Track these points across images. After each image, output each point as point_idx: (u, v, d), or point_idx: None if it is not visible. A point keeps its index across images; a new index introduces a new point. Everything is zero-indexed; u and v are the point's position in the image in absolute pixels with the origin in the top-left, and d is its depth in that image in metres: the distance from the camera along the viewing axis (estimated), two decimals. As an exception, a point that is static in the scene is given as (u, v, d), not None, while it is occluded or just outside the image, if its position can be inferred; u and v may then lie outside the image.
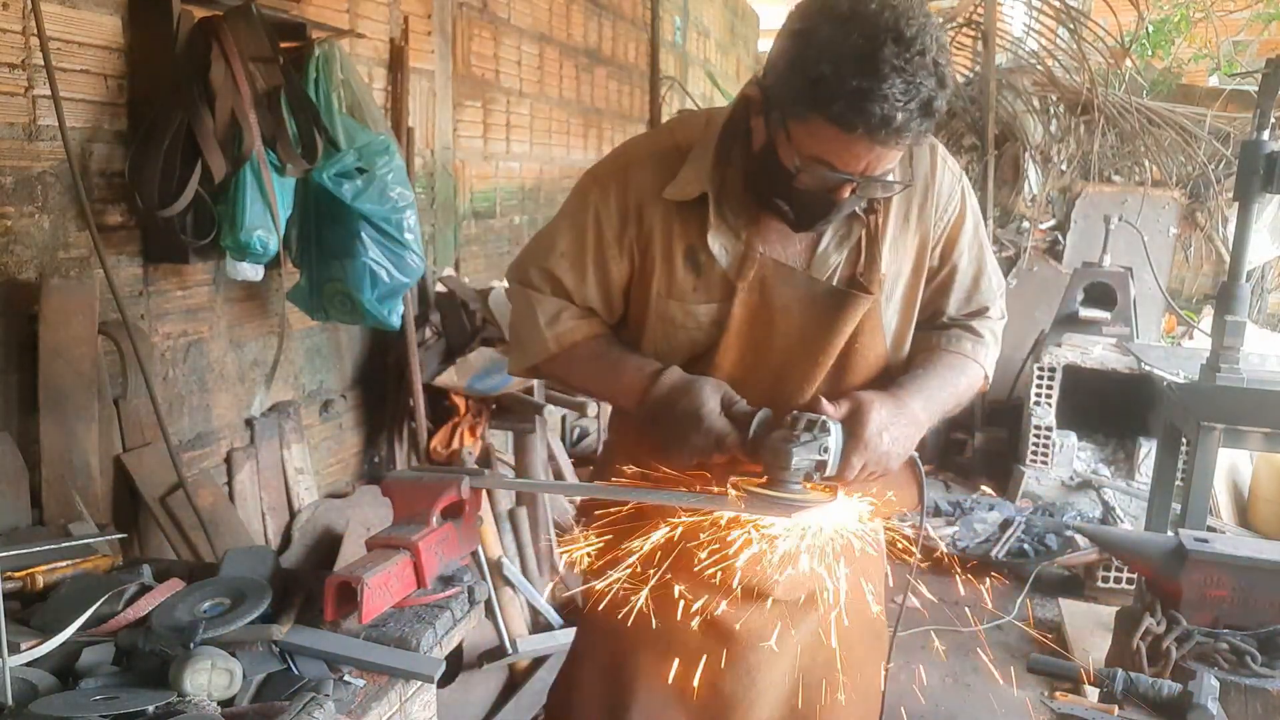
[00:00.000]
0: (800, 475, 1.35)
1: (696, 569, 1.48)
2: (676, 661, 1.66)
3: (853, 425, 1.40)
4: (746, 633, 1.64)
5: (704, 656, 1.64)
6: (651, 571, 1.54)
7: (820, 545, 1.52)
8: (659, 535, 1.49)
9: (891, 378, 1.57)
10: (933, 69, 1.24)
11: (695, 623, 1.59)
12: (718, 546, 1.46)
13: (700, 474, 1.46)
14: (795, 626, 1.67)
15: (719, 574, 1.48)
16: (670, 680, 1.66)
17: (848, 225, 1.51)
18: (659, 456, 1.50)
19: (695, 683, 1.64)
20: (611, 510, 1.61)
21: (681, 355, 1.56)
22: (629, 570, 1.55)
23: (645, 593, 1.55)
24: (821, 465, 1.37)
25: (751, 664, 1.66)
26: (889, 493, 1.54)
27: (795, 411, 1.40)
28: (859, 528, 1.47)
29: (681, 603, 1.58)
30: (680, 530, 1.48)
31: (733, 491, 1.38)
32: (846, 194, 1.36)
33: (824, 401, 1.41)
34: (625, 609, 1.58)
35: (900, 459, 1.45)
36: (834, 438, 1.37)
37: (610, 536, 1.57)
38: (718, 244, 1.49)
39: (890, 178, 1.41)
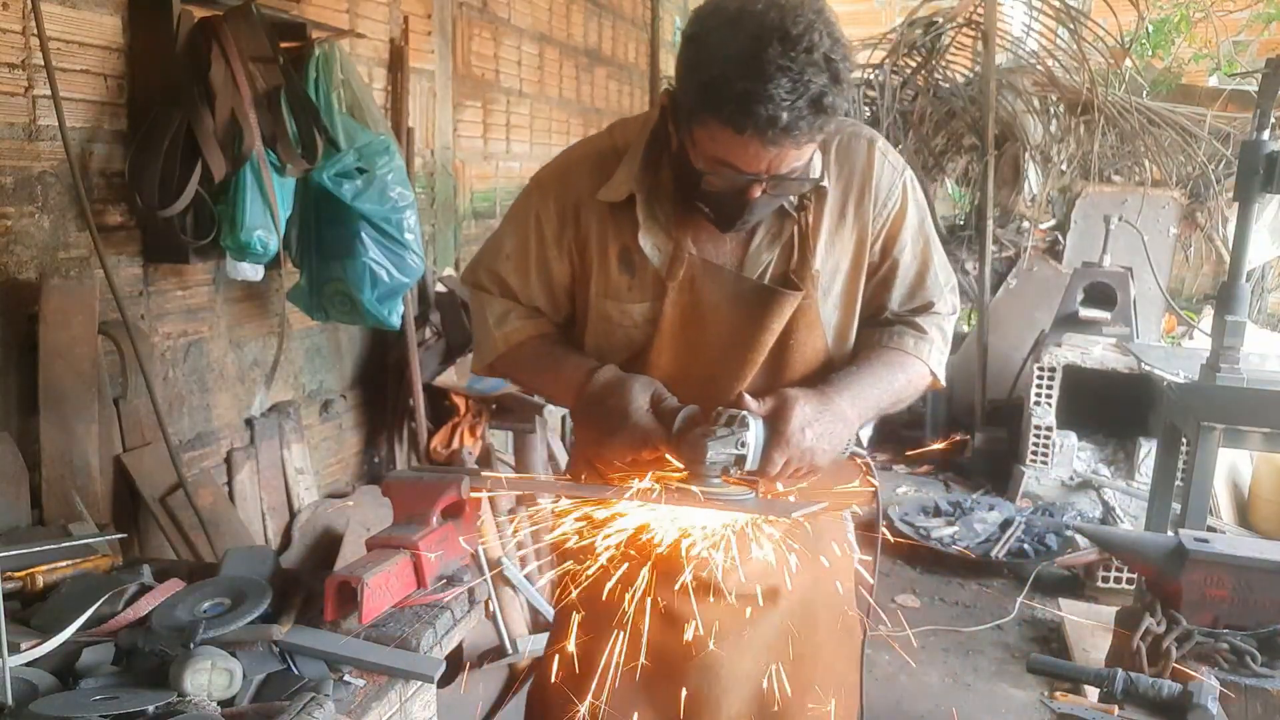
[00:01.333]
0: (717, 469, 1.38)
1: (659, 562, 1.51)
2: (646, 654, 1.66)
3: (775, 421, 1.40)
4: (707, 625, 1.65)
5: (668, 650, 1.65)
6: (614, 567, 1.56)
7: (774, 541, 1.55)
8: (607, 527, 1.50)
9: (833, 373, 1.57)
10: (823, 65, 1.25)
11: (652, 617, 1.60)
12: (663, 540, 1.48)
13: (638, 470, 1.48)
14: (757, 623, 1.67)
15: (676, 568, 1.51)
16: (638, 674, 1.66)
17: (780, 223, 1.52)
18: (595, 453, 1.55)
19: (660, 677, 1.66)
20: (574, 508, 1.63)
21: (620, 354, 1.58)
22: (598, 563, 1.56)
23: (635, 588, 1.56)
24: (740, 460, 1.38)
25: (713, 659, 1.66)
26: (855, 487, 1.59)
27: (720, 408, 1.42)
28: (785, 521, 1.49)
29: (646, 597, 1.60)
30: (641, 526, 1.50)
31: (658, 487, 1.41)
32: (757, 193, 1.37)
33: (747, 398, 1.42)
34: (594, 602, 1.62)
35: (828, 455, 1.45)
36: (752, 433, 1.39)
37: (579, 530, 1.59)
38: (649, 244, 1.52)
39: (815, 173, 1.44)
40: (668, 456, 1.45)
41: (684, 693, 1.68)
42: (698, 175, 1.37)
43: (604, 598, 1.59)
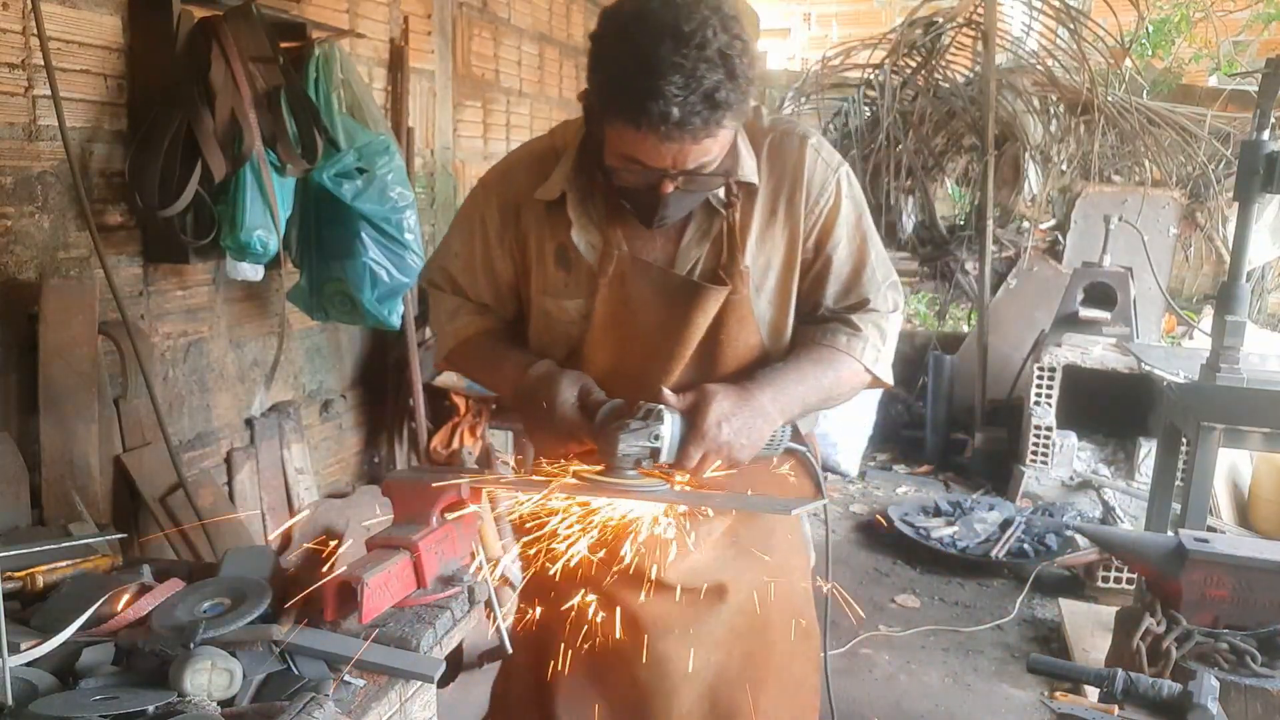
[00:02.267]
0: (630, 462, 1.40)
1: (604, 556, 1.55)
2: (598, 649, 1.68)
3: (692, 415, 1.42)
4: (653, 621, 1.66)
5: (618, 644, 1.67)
6: (570, 561, 1.57)
7: (715, 536, 1.60)
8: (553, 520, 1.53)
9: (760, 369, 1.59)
10: (718, 61, 1.27)
11: (598, 608, 1.63)
12: (615, 533, 1.52)
13: (569, 460, 1.51)
14: (704, 618, 1.68)
15: (615, 559, 1.55)
16: (591, 667, 1.68)
17: (709, 219, 1.54)
18: (535, 445, 1.60)
19: (612, 670, 1.68)
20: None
21: (560, 349, 1.62)
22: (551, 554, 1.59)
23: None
24: (655, 453, 1.41)
25: (661, 653, 1.68)
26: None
27: (641, 402, 1.44)
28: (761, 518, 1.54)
29: (596, 590, 1.63)
30: (590, 520, 1.52)
31: (571, 480, 1.44)
32: (669, 189, 1.39)
33: (666, 392, 1.44)
34: (549, 596, 1.65)
35: (747, 450, 1.46)
36: (667, 426, 1.41)
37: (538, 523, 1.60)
38: (583, 241, 1.55)
39: (746, 170, 1.48)
40: (589, 449, 1.48)
41: (635, 684, 1.70)
42: (612, 171, 1.42)
43: (555, 592, 1.62)
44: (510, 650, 1.65)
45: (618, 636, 1.65)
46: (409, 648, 1.46)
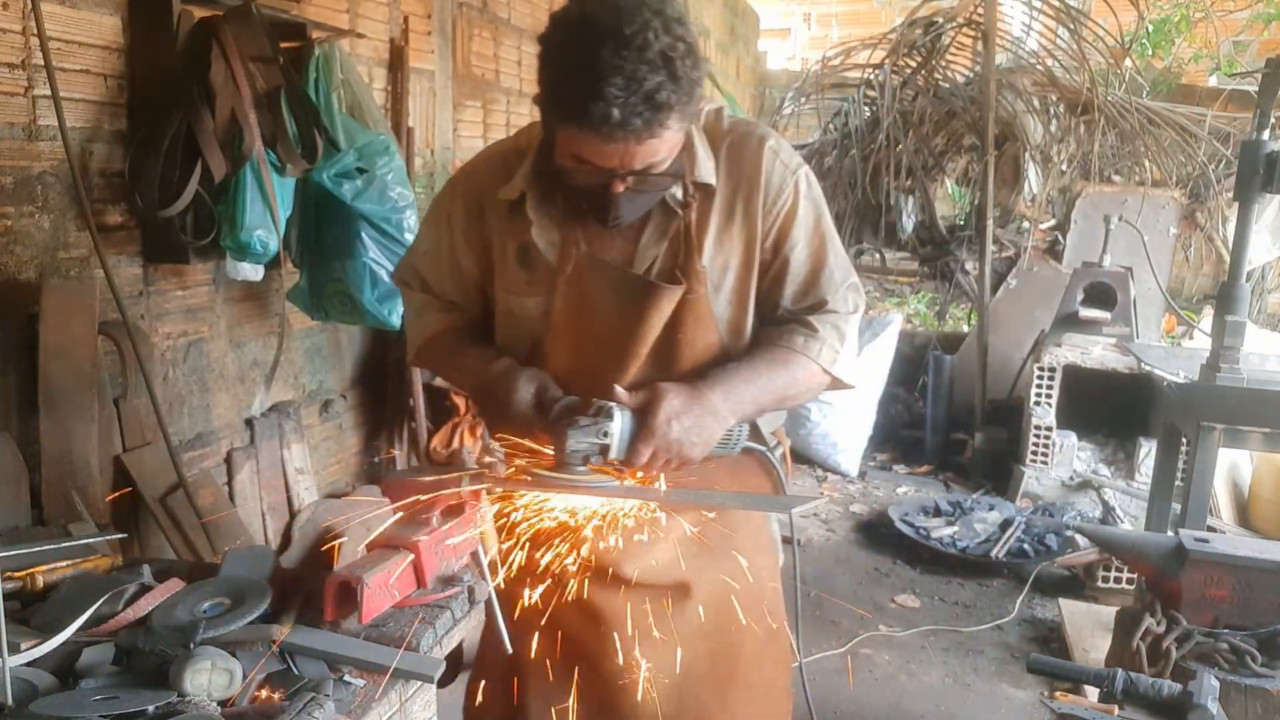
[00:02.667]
0: (579, 458, 1.43)
1: (562, 551, 1.59)
2: (566, 643, 1.71)
3: (643, 413, 1.44)
4: (613, 616, 1.68)
5: (584, 638, 1.69)
6: (538, 556, 1.61)
7: (677, 534, 1.62)
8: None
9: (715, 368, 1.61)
10: (659, 63, 1.30)
11: (563, 603, 1.64)
12: (576, 528, 1.56)
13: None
14: (670, 615, 1.69)
15: (577, 553, 1.59)
16: (561, 661, 1.69)
17: (667, 220, 1.56)
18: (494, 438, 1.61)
19: (579, 664, 1.70)
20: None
21: (522, 346, 1.65)
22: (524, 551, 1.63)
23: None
24: (605, 449, 1.43)
25: (626, 649, 1.69)
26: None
27: (595, 399, 1.46)
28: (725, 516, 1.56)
29: (561, 584, 1.65)
30: (560, 516, 1.56)
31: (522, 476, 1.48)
32: (620, 189, 1.42)
33: (618, 389, 1.46)
34: (520, 589, 1.66)
35: (698, 449, 1.47)
36: (617, 424, 1.43)
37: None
38: (543, 240, 1.58)
39: (704, 171, 1.51)
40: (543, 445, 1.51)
41: (602, 679, 1.71)
42: (564, 172, 1.44)
43: (522, 585, 1.64)
44: (511, 650, 1.65)
45: (582, 631, 1.68)
46: (409, 648, 1.46)
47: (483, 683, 1.85)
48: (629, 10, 1.31)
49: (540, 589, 1.64)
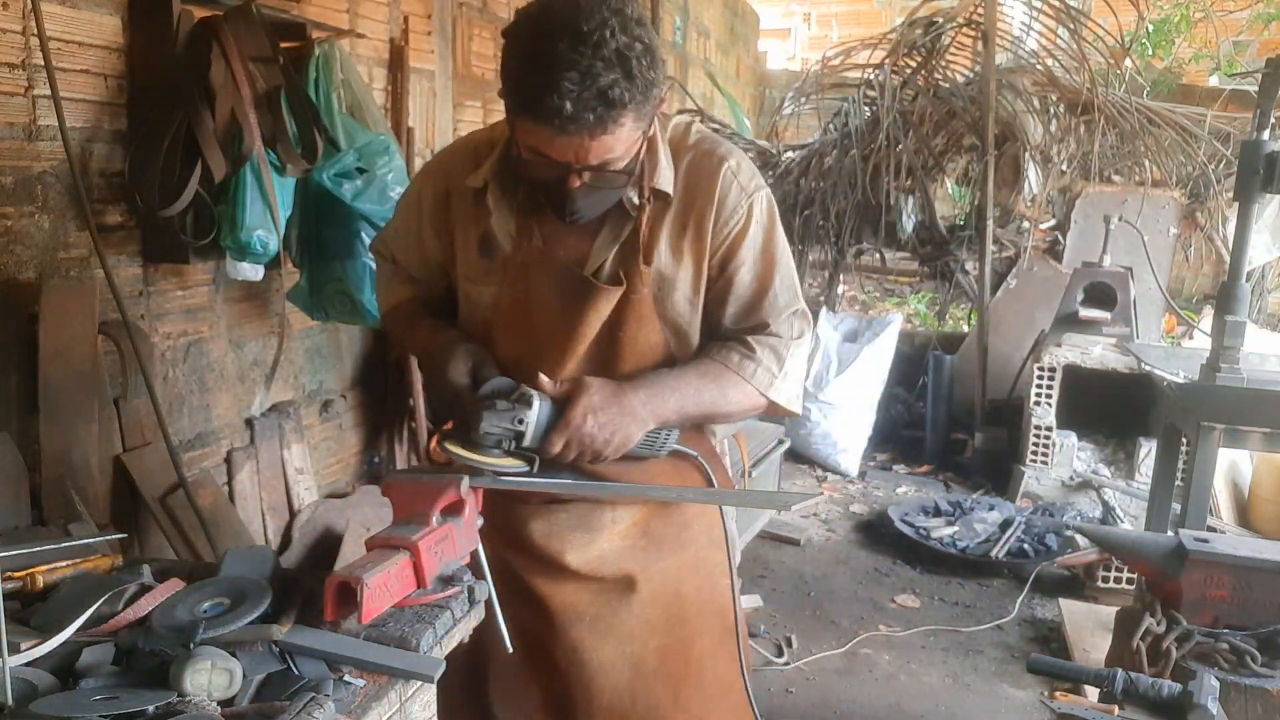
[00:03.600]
0: (493, 440, 1.47)
1: (506, 539, 1.66)
2: (521, 633, 1.70)
3: (562, 405, 1.48)
4: (561, 607, 1.70)
5: (536, 628, 1.71)
6: (492, 541, 1.64)
7: (621, 526, 1.64)
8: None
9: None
10: (614, 60, 1.32)
11: (510, 590, 1.66)
12: (510, 513, 1.63)
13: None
14: (616, 609, 1.70)
15: (522, 539, 1.66)
16: (519, 652, 1.69)
17: (622, 223, 1.58)
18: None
19: (531, 652, 1.71)
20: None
21: (478, 331, 1.68)
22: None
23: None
24: (519, 436, 1.47)
25: (575, 640, 1.70)
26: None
27: (521, 386, 1.50)
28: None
29: (510, 573, 1.69)
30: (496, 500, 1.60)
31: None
32: (575, 184, 1.44)
33: (542, 378, 1.50)
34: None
35: (613, 446, 1.51)
36: (533, 411, 1.46)
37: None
38: (502, 231, 1.60)
39: (663, 181, 1.54)
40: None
41: (556, 671, 1.73)
42: (522, 165, 1.47)
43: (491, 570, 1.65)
44: (511, 649, 1.65)
45: (537, 625, 1.70)
46: (409, 648, 1.46)
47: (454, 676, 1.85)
48: (588, 7, 1.34)
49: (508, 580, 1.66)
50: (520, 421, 1.45)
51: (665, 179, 1.56)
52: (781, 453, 4.58)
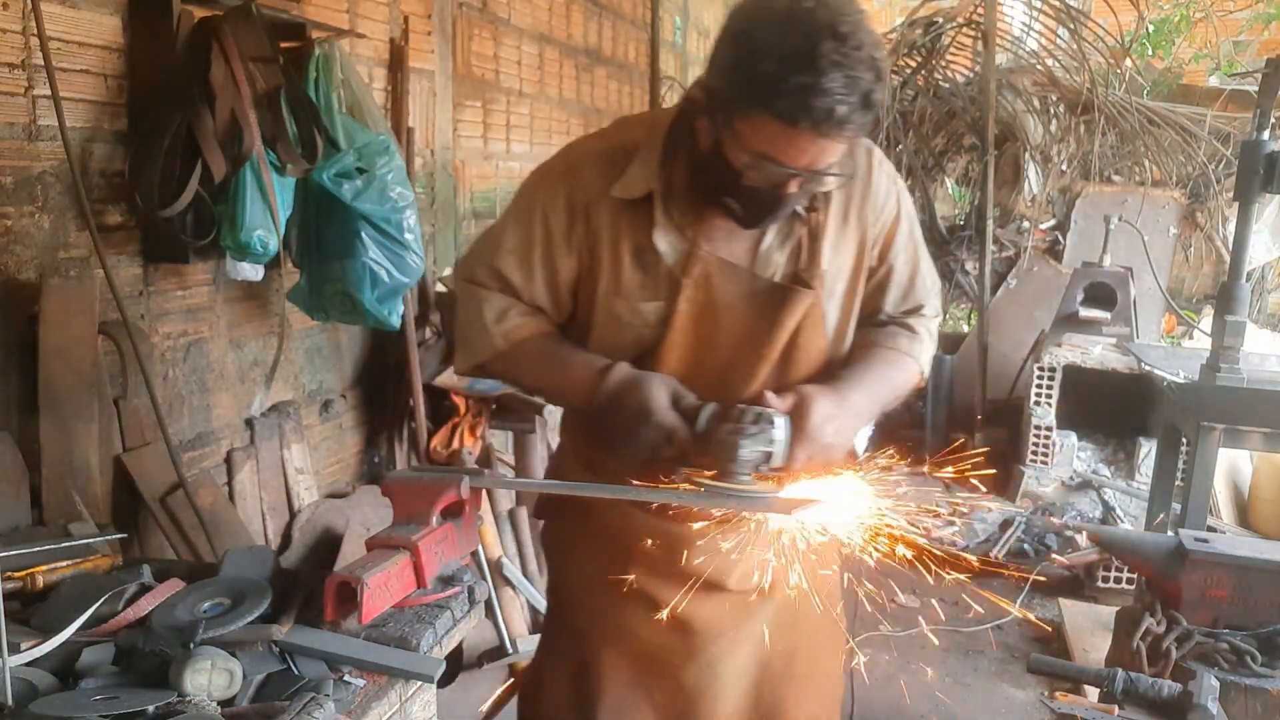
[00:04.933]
0: (748, 467, 1.39)
1: (654, 563, 1.57)
2: (643, 657, 1.70)
3: (797, 418, 1.43)
4: (705, 625, 1.67)
5: (666, 650, 1.68)
6: (615, 568, 1.60)
7: (772, 536, 1.56)
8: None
9: (832, 372, 1.60)
10: (870, 63, 1.28)
11: (651, 615, 1.62)
12: (670, 540, 1.54)
13: (648, 472, 1.48)
14: (753, 617, 1.69)
15: (675, 567, 1.56)
16: (635, 675, 1.69)
17: (789, 224, 1.55)
18: (609, 454, 1.53)
19: (659, 674, 1.69)
20: (567, 512, 1.70)
21: (629, 353, 1.56)
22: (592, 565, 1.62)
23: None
24: (768, 457, 1.41)
25: (713, 656, 1.69)
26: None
27: (742, 405, 1.43)
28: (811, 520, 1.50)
29: (642, 597, 1.64)
30: (638, 527, 1.55)
31: (685, 486, 1.43)
32: (793, 189, 1.39)
33: (769, 394, 1.44)
34: (589, 606, 1.66)
35: (843, 450, 1.50)
36: (779, 430, 1.41)
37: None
38: (664, 242, 1.52)
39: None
40: (690, 456, 1.45)
41: (682, 689, 1.70)
42: (734, 171, 1.38)
43: (603, 600, 1.62)
44: (511, 651, 1.65)
45: (666, 640, 1.66)
46: (409, 648, 1.46)
47: (545, 683, 1.83)
48: (839, 8, 1.28)
49: (642, 602, 1.63)
50: (771, 442, 1.40)
51: (852, 169, 1.52)
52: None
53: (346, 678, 1.39)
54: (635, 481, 1.46)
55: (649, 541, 1.59)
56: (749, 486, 1.39)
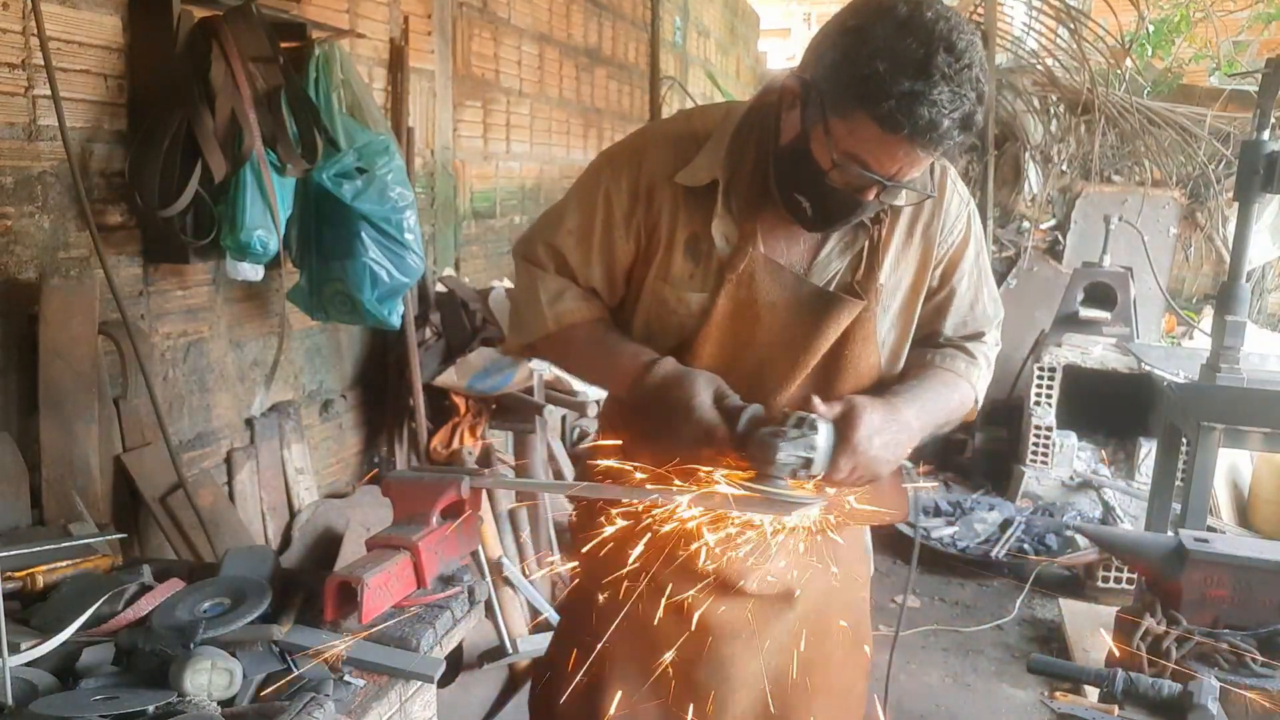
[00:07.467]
0: (786, 471, 1.37)
1: (676, 560, 1.53)
2: (654, 649, 1.68)
3: (844, 427, 1.39)
4: (720, 625, 1.66)
5: (678, 645, 1.66)
6: (634, 562, 1.57)
7: (796, 544, 1.56)
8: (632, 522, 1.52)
9: (896, 385, 1.58)
10: (976, 84, 1.27)
11: (666, 610, 1.61)
12: (694, 538, 1.49)
13: (686, 468, 1.46)
14: (771, 623, 1.68)
15: (695, 564, 1.53)
16: (647, 666, 1.67)
17: (853, 233, 1.53)
18: (649, 447, 1.51)
19: (670, 670, 1.67)
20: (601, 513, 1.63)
21: (670, 340, 1.56)
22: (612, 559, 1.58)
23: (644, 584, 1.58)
24: (808, 463, 1.38)
25: (725, 656, 1.67)
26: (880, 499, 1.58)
27: (786, 409, 1.41)
28: (843, 529, 1.49)
29: (660, 590, 1.61)
30: (661, 522, 1.50)
31: (722, 486, 1.40)
32: (871, 195, 1.37)
33: (816, 401, 1.41)
34: (605, 597, 1.63)
35: (891, 465, 1.46)
36: (822, 437, 1.38)
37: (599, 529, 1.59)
38: (720, 233, 1.50)
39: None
40: (728, 455, 1.43)
41: (690, 685, 1.70)
42: (817, 169, 1.36)
43: (618, 592, 1.60)
44: (511, 651, 1.65)
45: (681, 640, 1.65)
46: (409, 648, 1.46)
47: (559, 681, 1.82)
48: (957, 23, 1.27)
49: (659, 597, 1.61)
50: (811, 448, 1.37)
51: (932, 188, 1.51)
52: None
53: (346, 678, 1.39)
54: (671, 477, 1.45)
55: (680, 539, 1.55)
56: (784, 492, 1.36)
